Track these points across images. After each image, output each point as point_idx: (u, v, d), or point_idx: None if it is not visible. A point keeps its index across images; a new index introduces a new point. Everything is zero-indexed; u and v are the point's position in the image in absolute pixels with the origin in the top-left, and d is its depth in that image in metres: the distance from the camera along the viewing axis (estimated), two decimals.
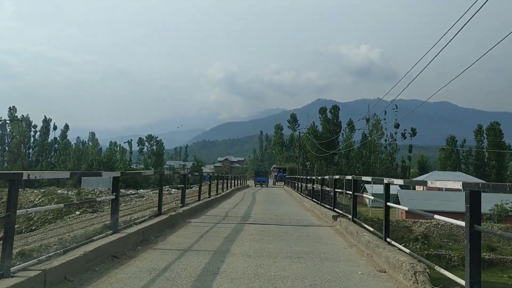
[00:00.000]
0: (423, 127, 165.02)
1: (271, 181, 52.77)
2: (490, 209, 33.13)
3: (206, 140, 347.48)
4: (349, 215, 8.87)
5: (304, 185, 20.45)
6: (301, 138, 71.02)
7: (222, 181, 21.54)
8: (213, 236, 7.29)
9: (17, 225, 26.48)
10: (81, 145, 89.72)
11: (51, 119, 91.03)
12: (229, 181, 26.26)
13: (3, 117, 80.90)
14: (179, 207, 10.38)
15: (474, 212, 3.34)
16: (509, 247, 24.77)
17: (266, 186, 43.57)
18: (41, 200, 35.33)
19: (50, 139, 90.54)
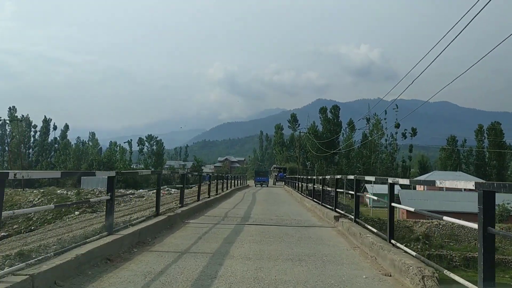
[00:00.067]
0: (423, 127, 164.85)
1: (271, 181, 52.58)
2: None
3: (206, 140, 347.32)
4: (351, 215, 8.67)
5: (304, 185, 20.26)
6: (302, 138, 70.80)
7: (222, 181, 21.39)
8: (211, 237, 7.09)
9: (16, 226, 26.48)
10: (81, 145, 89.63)
11: (51, 119, 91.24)
12: (229, 181, 26.08)
13: (3, 117, 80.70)
14: (178, 207, 10.19)
15: (488, 214, 3.15)
16: (511, 247, 24.56)
17: (266, 186, 43.38)
18: (40, 200, 35.16)
19: (50, 139, 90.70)
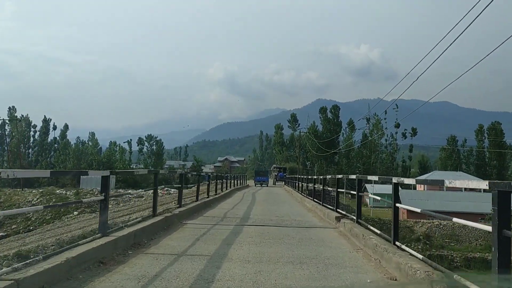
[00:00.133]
0: (423, 126, 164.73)
1: (271, 181, 52.43)
2: (491, 209, 32.74)
3: (206, 140, 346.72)
4: (352, 216, 8.47)
5: (304, 185, 20.07)
6: (302, 138, 70.63)
7: (221, 181, 21.20)
8: (210, 239, 6.89)
9: (15, 225, 26.33)
10: (81, 145, 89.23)
11: (50, 119, 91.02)
12: (229, 181, 25.88)
13: (2, 117, 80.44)
14: (176, 207, 9.98)
15: (503, 215, 2.95)
16: None
17: (266, 186, 43.22)
18: (39, 200, 35.11)
19: (49, 139, 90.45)
